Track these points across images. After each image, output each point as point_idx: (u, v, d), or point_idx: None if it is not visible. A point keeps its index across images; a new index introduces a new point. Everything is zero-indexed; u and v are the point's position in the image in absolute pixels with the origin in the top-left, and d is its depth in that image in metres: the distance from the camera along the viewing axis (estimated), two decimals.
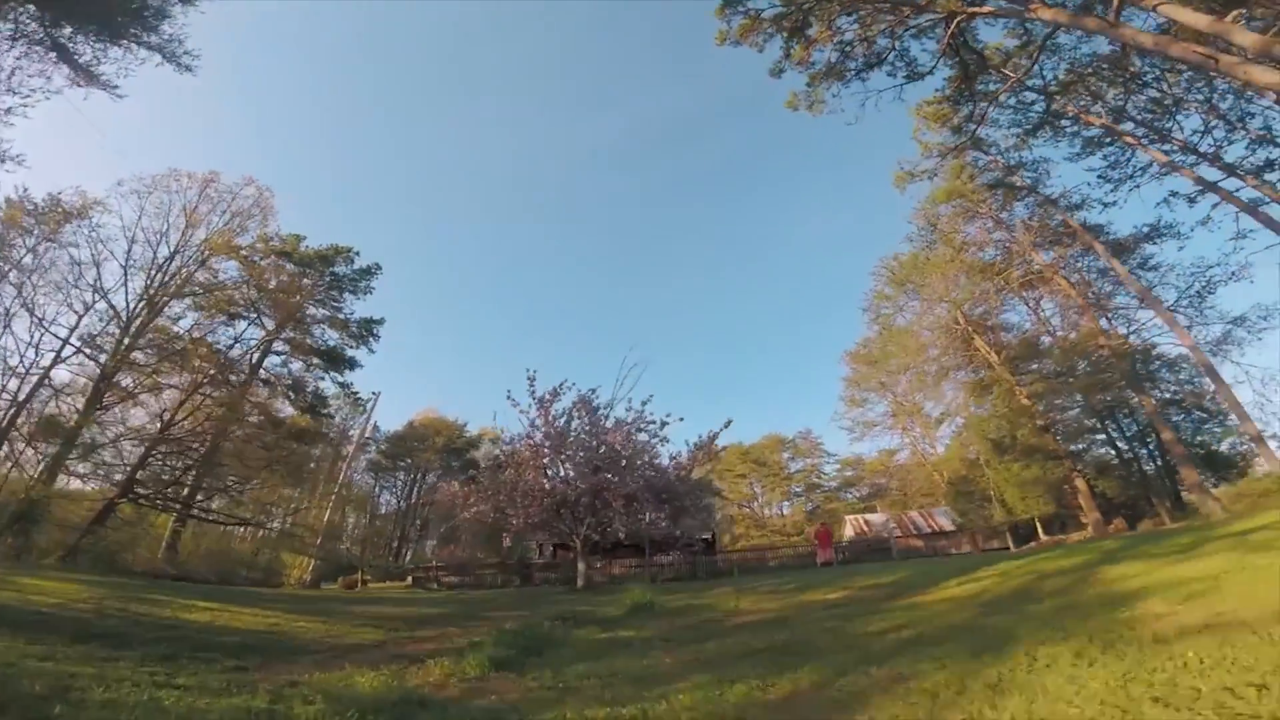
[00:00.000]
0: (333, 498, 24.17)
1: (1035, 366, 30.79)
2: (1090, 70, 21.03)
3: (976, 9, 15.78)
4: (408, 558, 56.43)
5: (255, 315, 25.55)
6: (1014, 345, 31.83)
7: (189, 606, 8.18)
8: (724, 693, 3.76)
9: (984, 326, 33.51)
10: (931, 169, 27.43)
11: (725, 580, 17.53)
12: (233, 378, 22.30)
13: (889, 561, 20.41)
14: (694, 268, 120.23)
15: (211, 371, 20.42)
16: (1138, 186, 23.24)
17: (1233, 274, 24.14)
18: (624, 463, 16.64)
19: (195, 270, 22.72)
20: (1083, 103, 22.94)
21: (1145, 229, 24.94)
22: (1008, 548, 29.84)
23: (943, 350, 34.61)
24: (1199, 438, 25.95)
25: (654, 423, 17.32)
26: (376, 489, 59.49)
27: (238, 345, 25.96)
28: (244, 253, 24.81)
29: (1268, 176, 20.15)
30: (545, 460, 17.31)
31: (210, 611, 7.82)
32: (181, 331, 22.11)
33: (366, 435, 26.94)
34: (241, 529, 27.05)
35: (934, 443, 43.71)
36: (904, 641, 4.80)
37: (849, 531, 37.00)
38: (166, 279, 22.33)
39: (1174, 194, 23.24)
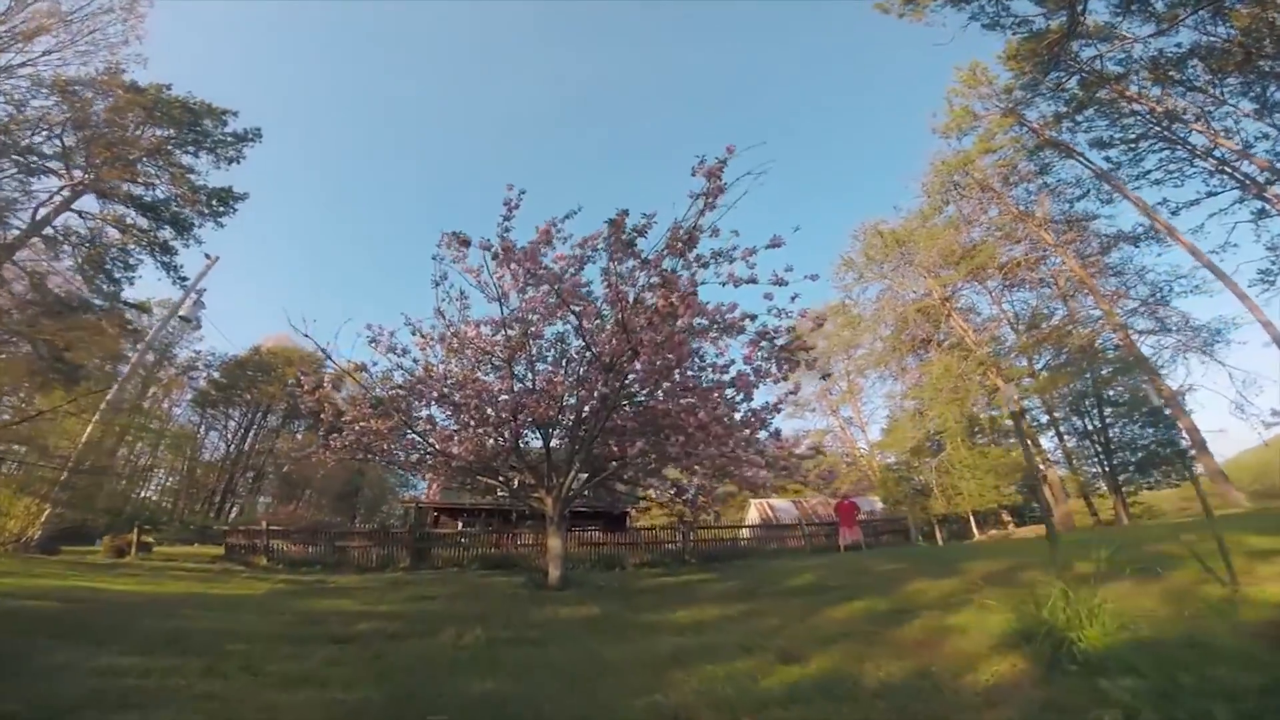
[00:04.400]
0: (106, 398, 14.42)
1: (1006, 352, 29.64)
2: (1148, 65, 19.90)
3: None
4: (232, 515, 44.02)
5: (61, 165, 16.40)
6: (987, 328, 30.55)
7: None
8: None
9: (955, 307, 31.95)
10: (964, 129, 25.30)
11: (731, 571, 11.50)
12: None
13: (932, 546, 16.03)
14: None
15: None
16: (1138, 188, 23.19)
17: (1196, 286, 24.48)
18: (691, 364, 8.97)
19: None
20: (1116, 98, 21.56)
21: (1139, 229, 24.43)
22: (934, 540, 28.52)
23: (904, 327, 32.62)
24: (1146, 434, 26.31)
25: (748, 276, 7.75)
26: (202, 427, 45.95)
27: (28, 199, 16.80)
28: (75, 86, 17.52)
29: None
30: (489, 357, 9.73)
31: None
32: None
33: (184, 313, 17.69)
34: None
35: (865, 427, 42.55)
36: None
37: (753, 515, 33.60)
38: None
39: (1164, 201, 23.11)
